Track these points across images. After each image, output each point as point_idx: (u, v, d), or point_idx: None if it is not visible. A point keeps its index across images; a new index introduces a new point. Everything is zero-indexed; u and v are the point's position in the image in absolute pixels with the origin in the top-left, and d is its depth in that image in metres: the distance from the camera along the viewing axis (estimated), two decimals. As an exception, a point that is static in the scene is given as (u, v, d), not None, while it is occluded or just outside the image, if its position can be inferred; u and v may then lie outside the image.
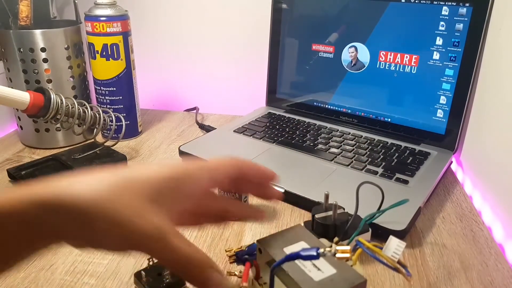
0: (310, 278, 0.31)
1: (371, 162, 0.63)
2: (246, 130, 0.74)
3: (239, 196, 0.50)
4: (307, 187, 0.56)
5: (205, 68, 0.92)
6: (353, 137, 0.72)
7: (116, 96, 0.74)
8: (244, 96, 0.92)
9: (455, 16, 0.64)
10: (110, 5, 0.70)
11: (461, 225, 0.52)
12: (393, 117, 0.73)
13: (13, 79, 0.70)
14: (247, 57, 0.89)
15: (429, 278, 0.43)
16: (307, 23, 0.79)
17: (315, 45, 0.78)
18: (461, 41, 0.64)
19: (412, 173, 0.60)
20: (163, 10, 0.89)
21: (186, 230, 0.50)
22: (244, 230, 0.50)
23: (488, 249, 0.47)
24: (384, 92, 0.73)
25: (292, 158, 0.65)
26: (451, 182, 0.63)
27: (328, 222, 0.44)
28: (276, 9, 0.81)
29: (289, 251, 0.34)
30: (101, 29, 0.70)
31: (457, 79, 0.65)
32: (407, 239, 0.49)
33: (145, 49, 0.91)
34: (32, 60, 0.68)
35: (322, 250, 0.29)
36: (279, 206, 0.55)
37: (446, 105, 0.67)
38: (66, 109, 0.61)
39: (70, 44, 0.71)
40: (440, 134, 0.68)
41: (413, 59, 0.69)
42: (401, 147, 0.68)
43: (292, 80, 0.83)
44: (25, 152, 0.72)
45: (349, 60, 0.75)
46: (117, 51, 0.72)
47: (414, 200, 0.52)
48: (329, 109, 0.80)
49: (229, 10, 0.87)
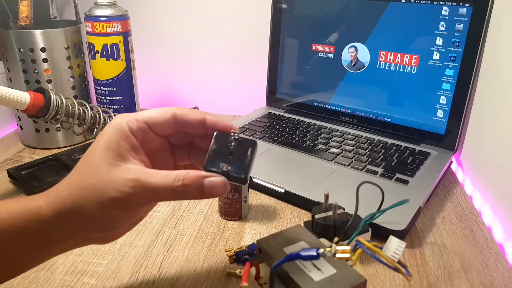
0: (310, 278, 0.31)
1: (371, 162, 0.63)
2: (246, 130, 0.74)
3: (239, 196, 0.50)
4: (307, 187, 0.56)
5: (205, 68, 0.92)
6: (353, 137, 0.72)
7: (116, 96, 0.74)
8: (244, 96, 0.92)
9: (455, 16, 0.64)
10: (110, 5, 0.70)
11: (461, 225, 0.52)
12: (393, 117, 0.73)
13: (13, 79, 0.70)
14: (247, 57, 0.89)
15: (429, 278, 0.43)
16: (307, 23, 0.79)
17: (315, 45, 0.78)
18: (461, 41, 0.64)
19: (412, 173, 0.60)
20: (163, 10, 0.89)
21: (185, 229, 0.50)
22: (244, 230, 0.50)
23: (488, 249, 0.47)
24: (384, 92, 0.73)
25: (292, 158, 0.65)
26: (451, 182, 0.63)
27: (328, 222, 0.44)
28: (276, 9, 0.81)
29: (289, 251, 0.34)
30: (101, 29, 0.70)
31: (457, 79, 0.65)
32: (407, 239, 0.49)
33: (145, 49, 0.91)
34: (32, 60, 0.68)
35: (322, 250, 0.29)
36: (279, 206, 0.55)
37: (446, 105, 0.67)
38: (66, 109, 0.61)
39: (70, 44, 0.71)
40: (440, 134, 0.68)
41: (413, 59, 0.69)
42: (401, 147, 0.68)
43: (292, 80, 0.83)
44: (25, 152, 0.72)
45: (349, 60, 0.75)
46: (117, 51, 0.72)
47: (414, 200, 0.52)
48: (329, 109, 0.80)
49: (229, 10, 0.87)
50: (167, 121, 0.33)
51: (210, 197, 0.31)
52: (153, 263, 0.45)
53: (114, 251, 0.46)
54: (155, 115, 0.33)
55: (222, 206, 0.52)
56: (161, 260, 0.45)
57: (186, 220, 0.52)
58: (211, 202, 0.56)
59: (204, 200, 0.56)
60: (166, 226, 0.51)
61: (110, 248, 0.47)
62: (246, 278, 0.32)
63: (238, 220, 0.52)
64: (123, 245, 0.47)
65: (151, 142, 0.34)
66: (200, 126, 0.34)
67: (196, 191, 0.30)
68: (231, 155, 0.33)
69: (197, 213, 0.54)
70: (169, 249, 0.47)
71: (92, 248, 0.47)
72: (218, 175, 0.31)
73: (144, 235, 0.49)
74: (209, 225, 0.51)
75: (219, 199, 0.52)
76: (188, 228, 0.51)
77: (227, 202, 0.51)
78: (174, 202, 0.56)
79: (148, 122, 0.33)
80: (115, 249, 0.47)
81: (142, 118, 0.33)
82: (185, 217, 0.53)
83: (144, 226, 0.51)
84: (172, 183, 0.30)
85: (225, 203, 0.51)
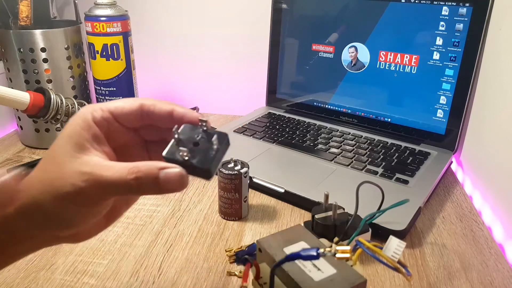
0: (310, 278, 0.31)
1: (371, 162, 0.63)
2: (246, 130, 0.74)
3: (239, 196, 0.50)
4: (307, 187, 0.56)
5: (205, 68, 0.92)
6: (353, 137, 0.72)
7: (116, 96, 0.74)
8: (244, 96, 0.92)
9: (455, 16, 0.64)
10: (110, 5, 0.70)
11: (461, 225, 0.52)
12: (393, 117, 0.73)
13: (13, 79, 0.70)
14: (247, 57, 0.89)
15: (429, 278, 0.43)
16: (307, 23, 0.79)
17: (315, 45, 0.78)
18: (461, 41, 0.64)
19: (412, 173, 0.60)
20: (163, 10, 0.89)
21: (185, 228, 0.50)
22: (244, 230, 0.50)
23: (488, 249, 0.47)
24: (384, 92, 0.73)
25: (292, 158, 0.65)
26: (451, 182, 0.63)
27: (328, 222, 0.44)
28: (276, 9, 0.81)
29: (289, 251, 0.34)
30: (101, 29, 0.70)
31: (457, 79, 0.65)
32: (407, 239, 0.49)
33: (145, 49, 0.91)
34: (32, 60, 0.68)
35: (322, 250, 0.29)
36: (279, 206, 0.55)
37: (446, 105, 0.67)
38: (66, 109, 0.61)
39: (70, 44, 0.71)
40: (440, 134, 0.68)
41: (413, 59, 0.69)
42: (401, 147, 0.68)
43: (292, 80, 0.83)
44: (25, 152, 0.72)
45: (349, 60, 0.75)
46: (117, 51, 0.72)
47: (414, 200, 0.52)
48: (329, 109, 0.80)
49: (229, 10, 0.87)
50: (134, 112, 0.31)
51: (168, 192, 0.28)
52: (153, 263, 0.45)
53: (114, 251, 0.46)
54: (121, 105, 0.31)
55: (222, 206, 0.52)
56: (161, 260, 0.45)
57: (186, 220, 0.52)
58: (211, 202, 0.56)
59: (204, 200, 0.57)
60: (166, 226, 0.51)
61: (110, 248, 0.47)
62: (246, 278, 0.32)
63: (238, 220, 0.52)
64: (123, 245, 0.47)
65: (118, 135, 0.32)
66: (168, 118, 0.31)
67: (151, 185, 0.27)
68: (197, 145, 0.29)
69: (197, 213, 0.54)
70: (169, 249, 0.47)
71: (92, 248, 0.47)
72: (176, 166, 0.28)
73: (144, 235, 0.49)
74: (209, 225, 0.51)
75: (219, 199, 0.52)
76: (188, 228, 0.51)
77: (227, 202, 0.51)
78: (174, 202, 0.56)
79: (114, 112, 0.31)
80: (115, 249, 0.47)
81: (107, 107, 0.31)
82: (185, 217, 0.53)
83: (144, 226, 0.51)
84: (125, 176, 0.27)
85: (225, 203, 0.51)
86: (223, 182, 0.50)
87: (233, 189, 0.50)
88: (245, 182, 0.50)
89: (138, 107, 0.31)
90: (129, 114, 0.31)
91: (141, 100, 0.31)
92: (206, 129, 0.30)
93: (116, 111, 0.31)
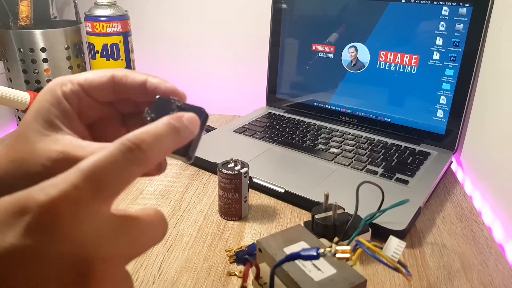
0: (310, 278, 0.31)
1: (371, 162, 0.63)
2: (246, 130, 0.74)
3: (239, 196, 0.50)
4: (307, 187, 0.56)
5: (205, 68, 0.92)
6: (353, 137, 0.72)
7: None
8: (244, 96, 0.92)
9: (455, 16, 0.64)
10: (110, 5, 0.70)
11: (461, 225, 0.52)
12: (393, 117, 0.73)
13: (13, 79, 0.70)
14: (247, 57, 0.89)
15: (429, 278, 0.43)
16: (307, 23, 0.79)
17: (315, 45, 0.78)
18: (461, 41, 0.64)
19: (412, 173, 0.60)
20: (163, 10, 0.89)
21: (184, 228, 0.50)
22: (244, 230, 0.50)
23: (488, 249, 0.47)
24: (384, 92, 0.73)
25: (292, 158, 0.65)
26: (451, 182, 0.63)
27: (328, 222, 0.44)
28: (276, 9, 0.81)
29: (289, 251, 0.34)
30: (101, 29, 0.70)
31: (457, 79, 0.65)
32: (407, 239, 0.49)
33: (145, 49, 0.91)
34: (32, 60, 0.68)
35: (322, 250, 0.29)
36: (279, 206, 0.55)
37: (446, 105, 0.67)
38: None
39: (70, 44, 0.71)
40: (440, 134, 0.68)
41: (413, 59, 0.69)
42: (401, 147, 0.68)
43: (292, 80, 0.83)
44: (25, 152, 0.72)
45: (349, 60, 0.75)
46: (117, 51, 0.72)
47: (414, 200, 0.52)
48: (329, 109, 0.80)
49: (229, 10, 0.87)
50: (105, 84, 0.29)
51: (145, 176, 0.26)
52: (153, 263, 0.45)
53: (114, 251, 0.46)
54: (90, 77, 0.29)
55: (222, 206, 0.52)
56: (161, 260, 0.45)
57: (186, 220, 0.52)
58: (211, 202, 0.56)
59: (204, 200, 0.56)
60: (166, 226, 0.51)
61: (110, 248, 0.47)
62: (246, 278, 0.32)
63: (238, 220, 0.52)
64: (123, 245, 0.47)
65: (91, 110, 0.30)
66: (142, 90, 0.29)
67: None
68: None
69: (197, 213, 0.54)
70: (169, 249, 0.47)
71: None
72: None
73: (144, 235, 0.49)
74: (209, 225, 0.51)
75: (219, 199, 0.52)
76: (188, 228, 0.51)
77: (227, 202, 0.51)
78: (174, 202, 0.56)
79: (83, 85, 0.29)
80: (115, 249, 0.47)
81: (76, 80, 0.29)
82: (185, 217, 0.53)
83: (144, 226, 0.51)
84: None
85: (225, 203, 0.51)
86: (223, 182, 0.50)
87: (233, 189, 0.50)
88: (245, 182, 0.51)
89: (109, 78, 0.29)
90: (100, 87, 0.29)
91: (113, 71, 0.29)
92: (180, 105, 0.28)
93: (86, 84, 0.29)
